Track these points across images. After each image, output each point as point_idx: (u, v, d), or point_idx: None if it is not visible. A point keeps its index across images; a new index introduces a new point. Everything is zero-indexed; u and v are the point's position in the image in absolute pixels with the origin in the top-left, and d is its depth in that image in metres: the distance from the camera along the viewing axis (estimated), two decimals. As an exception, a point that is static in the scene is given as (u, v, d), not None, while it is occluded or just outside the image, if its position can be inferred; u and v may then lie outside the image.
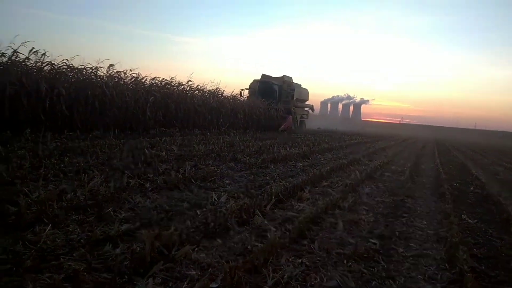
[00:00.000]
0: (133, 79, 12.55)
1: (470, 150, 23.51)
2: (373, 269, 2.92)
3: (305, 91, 28.74)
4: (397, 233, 3.95)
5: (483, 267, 3.25)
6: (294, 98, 25.70)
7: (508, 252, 3.72)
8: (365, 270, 2.87)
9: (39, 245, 2.70)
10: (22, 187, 3.98)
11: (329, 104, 61.94)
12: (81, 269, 2.27)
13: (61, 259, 2.54)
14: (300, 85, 27.79)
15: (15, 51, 8.66)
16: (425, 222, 4.54)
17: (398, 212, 4.90)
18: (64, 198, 3.73)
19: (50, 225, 3.05)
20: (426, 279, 2.86)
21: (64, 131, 9.10)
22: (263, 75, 25.93)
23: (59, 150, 6.49)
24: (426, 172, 9.55)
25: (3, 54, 8.44)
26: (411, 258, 3.26)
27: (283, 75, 26.21)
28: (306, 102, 29.64)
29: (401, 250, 3.44)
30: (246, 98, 22.42)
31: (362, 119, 65.83)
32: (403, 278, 2.81)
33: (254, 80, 25.59)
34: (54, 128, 8.94)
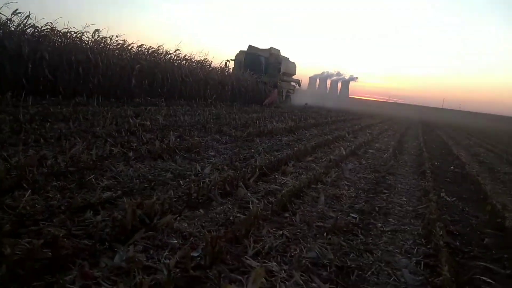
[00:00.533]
0: (119, 46, 12.23)
1: (454, 131, 23.88)
2: (351, 242, 2.98)
3: (293, 65, 28.01)
4: (377, 208, 4.02)
5: (457, 243, 3.35)
6: (281, 72, 24.97)
7: (483, 229, 3.84)
8: (344, 243, 2.92)
9: (18, 210, 2.66)
10: (1, 152, 3.90)
11: (317, 80, 61.65)
12: (61, 235, 2.25)
13: (41, 224, 2.52)
14: (288, 58, 27.03)
15: (-4, 13, 8.31)
16: (405, 199, 4.63)
17: (379, 188, 4.98)
18: (44, 164, 3.67)
19: (30, 190, 3.00)
20: (402, 253, 2.94)
21: (46, 96, 8.88)
22: (249, 47, 25.07)
23: (40, 115, 6.35)
24: (409, 151, 9.68)
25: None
26: (389, 233, 3.33)
27: (271, 47, 25.33)
28: (293, 77, 28.95)
29: (379, 224, 3.52)
30: (231, 70, 21.84)
31: (349, 96, 65.92)
32: (380, 252, 2.88)
33: (240, 51, 24.80)
34: (36, 92, 8.72)
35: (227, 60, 22.40)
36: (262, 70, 23.66)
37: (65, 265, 2.10)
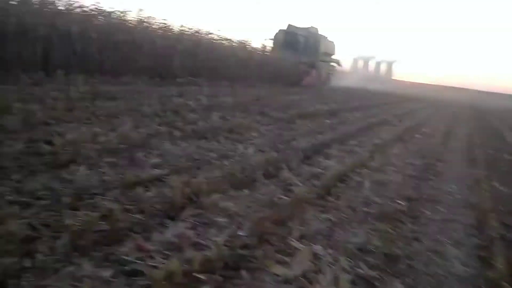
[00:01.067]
0: (162, 26, 12.38)
1: (508, 117, 22.60)
2: (399, 230, 2.92)
3: (332, 45, 26.70)
4: (425, 196, 3.91)
5: (512, 236, 3.20)
6: (320, 51, 23.90)
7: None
8: (390, 230, 2.87)
9: (74, 184, 2.80)
10: (56, 128, 4.10)
11: (360, 61, 59.97)
12: (118, 208, 2.35)
13: (96, 198, 2.64)
14: (327, 37, 25.73)
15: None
16: (455, 187, 4.46)
17: (427, 175, 4.83)
18: (97, 141, 3.83)
19: (85, 165, 3.15)
20: (453, 243, 2.85)
21: (94, 75, 9.20)
22: (289, 26, 24.17)
23: (90, 93, 6.59)
24: (459, 137, 9.29)
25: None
26: (438, 222, 3.24)
27: (310, 26, 24.30)
28: (333, 57, 27.57)
29: (428, 213, 3.42)
30: (268, 49, 21.04)
31: (394, 78, 63.66)
32: (429, 241, 2.81)
33: (280, 30, 23.83)
34: (85, 71, 9.04)
35: (265, 39, 21.75)
36: (301, 49, 22.73)
37: (120, 238, 2.20)
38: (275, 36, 23.63)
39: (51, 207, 2.40)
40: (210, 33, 14.94)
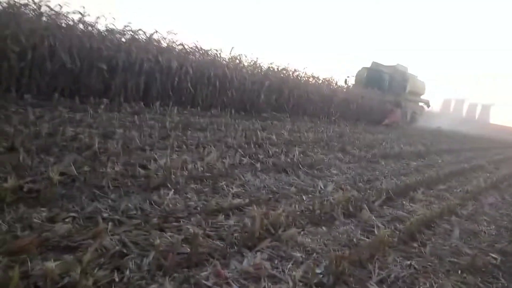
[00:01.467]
0: (252, 63, 13.03)
1: None
2: (491, 285, 2.65)
3: (421, 84, 25.95)
4: (522, 251, 3.50)
5: None
6: (407, 90, 23.20)
7: None
8: (481, 285, 2.62)
9: (163, 207, 3.01)
10: (151, 154, 4.47)
11: (452, 102, 56.57)
12: (200, 233, 2.47)
13: (181, 222, 2.81)
14: (416, 76, 25.14)
15: (156, 31, 9.62)
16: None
17: (526, 229, 4.33)
18: (185, 168, 4.09)
19: (173, 190, 3.37)
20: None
21: (187, 106, 9.91)
22: (373, 63, 23.96)
23: (182, 123, 7.09)
24: None
25: (144, 33, 9.42)
26: (538, 281, 2.88)
27: (397, 64, 23.84)
28: (422, 97, 26.74)
29: (526, 270, 3.06)
30: (350, 86, 20.87)
31: (491, 122, 58.73)
32: (526, 302, 2.51)
33: (363, 68, 23.79)
34: (179, 103, 9.78)
35: (347, 77, 21.75)
36: (385, 87, 22.25)
37: (200, 262, 2.30)
38: (357, 73, 23.55)
39: (141, 227, 2.60)
40: (297, 71, 15.34)
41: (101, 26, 8.62)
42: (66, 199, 2.77)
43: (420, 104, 27.12)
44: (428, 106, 28.57)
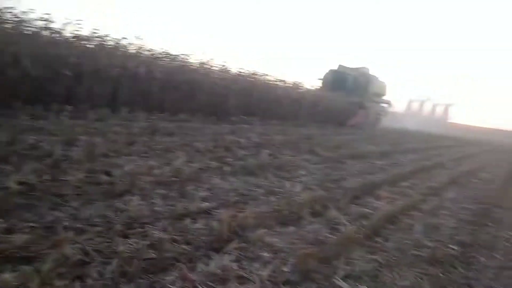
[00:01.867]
0: (221, 67, 13.02)
1: None
2: (450, 275, 2.76)
3: (383, 85, 25.98)
4: (480, 242, 3.68)
5: None
6: (370, 92, 23.35)
7: None
8: (441, 275, 2.73)
9: (127, 213, 2.95)
10: (116, 160, 4.38)
11: (415, 103, 58.46)
12: (166, 238, 2.45)
13: (146, 227, 2.77)
14: (378, 78, 25.19)
15: (123, 38, 9.45)
16: (514, 234, 4.15)
17: (484, 221, 4.55)
18: (151, 173, 4.03)
19: (138, 196, 3.32)
20: (511, 293, 2.64)
21: (155, 112, 9.77)
22: (339, 66, 24.13)
23: (149, 129, 7.00)
24: (522, 183, 8.65)
25: (111, 39, 9.24)
26: (493, 269, 3.02)
27: (360, 66, 24.05)
28: (384, 97, 26.64)
29: (483, 259, 3.21)
30: (316, 89, 21.05)
31: (451, 121, 61.07)
32: (482, 287, 2.63)
33: (330, 70, 23.83)
34: (147, 109, 9.63)
35: (315, 80, 22.03)
36: (349, 89, 22.28)
37: (166, 267, 2.28)
38: (324, 76, 23.61)
39: (104, 234, 2.54)
40: (265, 75, 15.44)
41: (67, 33, 8.41)
42: (25, 209, 2.67)
43: (383, 104, 27.25)
44: (390, 106, 29.05)
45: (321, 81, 23.27)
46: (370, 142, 11.90)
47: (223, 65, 13.10)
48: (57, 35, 8.06)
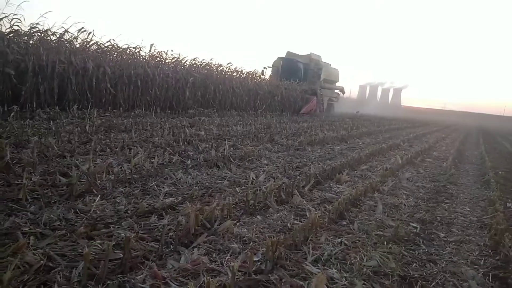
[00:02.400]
0: (174, 59, 12.75)
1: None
2: (413, 252, 2.89)
3: (335, 71, 26.33)
4: (438, 218, 3.87)
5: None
6: (322, 79, 23.38)
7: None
8: (405, 253, 2.85)
9: (89, 214, 2.85)
10: (72, 160, 4.20)
11: (367, 88, 60.39)
12: (132, 237, 2.38)
13: (111, 227, 2.68)
14: (330, 64, 25.43)
15: (66, 30, 8.99)
16: (468, 209, 4.41)
17: (440, 198, 4.79)
18: (111, 172, 3.91)
19: (99, 196, 3.21)
20: (468, 264, 2.81)
21: (108, 108, 9.44)
22: (288, 53, 24.02)
23: (104, 126, 6.76)
24: (470, 159, 9.21)
25: (54, 33, 8.78)
26: (453, 243, 3.20)
27: (310, 53, 23.98)
28: (337, 84, 27.08)
29: (442, 235, 3.38)
30: (268, 77, 20.91)
31: (402, 104, 63.69)
32: (444, 262, 2.78)
33: (278, 58, 23.71)
34: (99, 105, 9.29)
35: (264, 68, 21.52)
36: (301, 77, 22.28)
37: (135, 266, 2.22)
38: (273, 64, 23.41)
39: (66, 237, 2.44)
40: (220, 65, 15.31)
41: (3, 28, 7.91)
42: (-23, 217, 2.50)
43: (336, 91, 27.42)
44: (343, 92, 29.02)
45: (271, 69, 22.99)
46: (327, 128, 12.17)
47: (176, 57, 12.87)
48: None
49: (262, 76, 19.95)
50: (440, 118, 41.66)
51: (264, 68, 21.41)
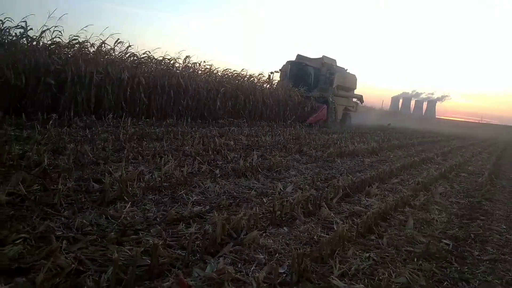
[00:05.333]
0: (206, 70, 12.99)
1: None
2: (445, 270, 2.80)
3: (352, 78, 23.27)
4: (472, 235, 3.73)
5: None
6: (335, 85, 20.31)
7: None
8: (436, 270, 2.75)
9: (120, 220, 2.92)
10: (106, 167, 4.34)
11: (400, 100, 59.21)
12: (160, 244, 2.43)
13: (140, 234, 2.74)
14: (346, 69, 22.54)
15: (103, 42, 9.36)
16: (504, 226, 4.23)
17: (474, 214, 4.61)
18: (142, 179, 4.00)
19: (130, 202, 3.29)
20: (503, 284, 2.69)
21: (141, 117, 9.70)
22: (298, 56, 21.44)
23: (137, 135, 6.94)
24: (507, 175, 8.83)
25: (92, 45, 9.16)
26: (487, 262, 3.07)
27: (323, 56, 21.12)
28: (354, 92, 23.90)
29: (476, 253, 3.26)
30: (275, 83, 18.50)
31: (436, 117, 61.93)
32: (477, 281, 2.67)
33: (287, 62, 21.21)
34: (133, 114, 9.57)
35: (271, 72, 18.86)
36: (310, 83, 19.84)
37: (162, 273, 2.26)
38: (282, 68, 21.12)
39: (96, 242, 2.51)
40: (252, 76, 15.46)
41: (46, 40, 8.33)
42: (16, 220, 2.62)
43: (354, 100, 24.31)
44: (362, 101, 25.55)
45: (280, 74, 20.56)
46: (357, 140, 12.01)
47: (208, 68, 13.11)
48: (36, 43, 8.05)
49: (273, 81, 17.98)
50: (477, 132, 40.17)
51: (271, 73, 18.94)
